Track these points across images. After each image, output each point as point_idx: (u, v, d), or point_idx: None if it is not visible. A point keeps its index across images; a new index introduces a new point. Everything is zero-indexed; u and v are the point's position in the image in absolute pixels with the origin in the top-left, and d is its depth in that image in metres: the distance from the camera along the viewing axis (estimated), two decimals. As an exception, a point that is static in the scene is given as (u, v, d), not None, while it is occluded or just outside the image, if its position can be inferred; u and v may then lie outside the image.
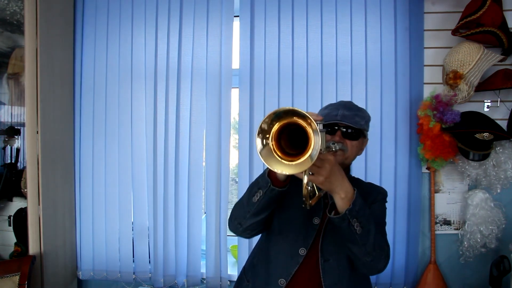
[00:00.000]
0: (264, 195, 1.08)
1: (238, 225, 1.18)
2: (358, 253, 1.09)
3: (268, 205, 1.12)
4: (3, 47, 2.11)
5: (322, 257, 1.18)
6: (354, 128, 1.23)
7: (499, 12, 1.79)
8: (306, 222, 1.22)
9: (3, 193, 2.05)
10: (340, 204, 1.04)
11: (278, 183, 1.07)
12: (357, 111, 1.27)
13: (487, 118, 1.87)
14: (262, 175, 1.09)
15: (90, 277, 2.17)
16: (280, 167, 0.92)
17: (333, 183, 1.02)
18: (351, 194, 1.05)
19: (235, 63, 2.07)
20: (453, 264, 2.00)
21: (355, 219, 1.03)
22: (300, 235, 1.21)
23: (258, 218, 1.15)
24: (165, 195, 2.08)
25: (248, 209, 1.13)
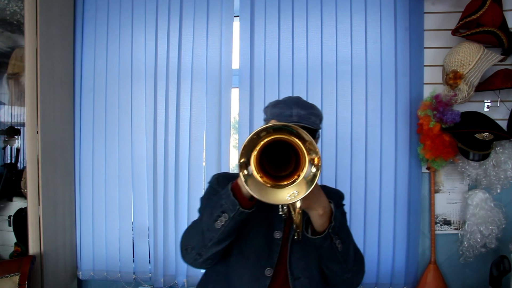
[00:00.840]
0: (231, 220, 0.93)
1: (197, 256, 1.01)
2: (339, 271, 1.01)
3: (234, 231, 0.97)
4: (3, 47, 2.11)
5: (291, 276, 1.05)
6: (310, 129, 1.08)
7: (499, 12, 1.79)
8: (268, 238, 1.08)
9: (3, 193, 2.05)
10: (319, 222, 0.93)
11: (246, 204, 0.92)
12: (311, 109, 1.12)
13: (487, 118, 1.87)
14: (225, 196, 0.94)
15: (90, 277, 2.17)
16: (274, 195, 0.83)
17: (311, 200, 0.91)
18: (329, 208, 0.95)
19: (235, 63, 2.07)
20: (453, 264, 2.00)
21: (337, 235, 0.94)
22: (263, 253, 1.07)
23: (222, 246, 0.99)
24: (165, 195, 2.08)
25: (210, 237, 0.97)
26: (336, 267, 1.00)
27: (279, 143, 0.84)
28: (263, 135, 0.82)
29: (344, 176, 1.98)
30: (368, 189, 1.98)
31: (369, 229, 1.98)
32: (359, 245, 1.96)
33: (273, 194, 0.84)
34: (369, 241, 1.98)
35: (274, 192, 0.84)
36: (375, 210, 1.97)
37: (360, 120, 1.98)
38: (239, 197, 0.92)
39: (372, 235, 1.98)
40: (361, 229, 1.98)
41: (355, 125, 1.98)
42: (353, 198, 1.98)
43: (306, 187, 0.82)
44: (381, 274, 1.99)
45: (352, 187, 1.98)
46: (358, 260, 1.06)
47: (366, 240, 1.98)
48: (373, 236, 1.97)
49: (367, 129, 1.97)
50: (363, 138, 1.97)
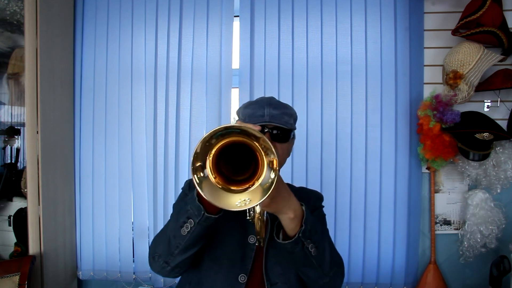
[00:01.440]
0: (196, 225, 0.89)
1: (165, 264, 0.97)
2: (315, 276, 0.97)
3: (201, 237, 0.93)
4: (3, 47, 2.11)
5: (268, 282, 1.01)
6: (283, 129, 1.04)
7: (499, 12, 1.79)
8: (241, 243, 1.04)
9: (3, 193, 2.05)
10: (290, 226, 0.90)
11: (211, 209, 0.88)
12: (284, 108, 1.08)
13: (487, 118, 1.87)
14: (191, 201, 0.89)
15: (90, 277, 2.17)
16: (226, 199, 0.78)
17: (279, 203, 0.88)
18: (300, 211, 0.91)
19: (235, 63, 2.07)
20: (453, 264, 2.00)
21: (309, 240, 0.90)
22: (237, 259, 1.03)
23: (189, 253, 0.95)
24: (165, 195, 2.08)
25: (176, 244, 0.93)
26: (312, 272, 0.97)
27: (237, 145, 0.80)
28: (213, 142, 0.79)
29: (344, 176, 1.98)
30: (368, 189, 1.98)
31: (369, 229, 1.98)
32: (359, 245, 1.99)
33: (225, 198, 0.79)
34: (369, 241, 1.98)
35: (226, 197, 0.79)
36: (375, 210, 1.97)
37: (360, 120, 1.98)
38: (205, 202, 0.87)
39: (372, 235, 1.97)
40: (361, 229, 1.98)
41: (355, 125, 1.98)
42: (353, 198, 1.98)
43: (261, 195, 0.77)
44: (381, 274, 1.99)
45: (352, 187, 1.98)
46: (336, 264, 1.02)
47: (366, 240, 1.98)
48: (373, 236, 1.97)
49: (367, 129, 1.97)
50: (363, 138, 1.97)
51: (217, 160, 0.80)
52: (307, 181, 1.96)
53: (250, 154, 0.81)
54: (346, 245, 1.98)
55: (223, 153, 0.81)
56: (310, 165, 1.98)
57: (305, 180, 1.95)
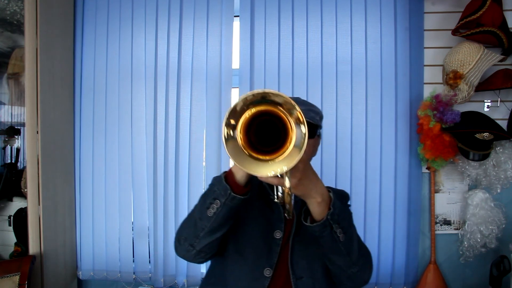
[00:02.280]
0: (222, 206, 0.90)
1: (190, 247, 0.98)
2: (343, 265, 0.97)
3: (227, 219, 0.94)
4: (3, 47, 2.11)
5: (294, 276, 1.02)
6: (310, 123, 1.04)
7: (499, 12, 1.79)
8: (267, 237, 1.05)
9: (3, 193, 2.05)
10: (317, 210, 0.90)
11: (238, 190, 0.89)
12: (310, 106, 1.11)
13: (487, 118, 1.87)
14: (217, 182, 0.92)
15: (90, 277, 2.17)
16: (256, 167, 0.78)
17: (307, 186, 0.88)
18: (327, 196, 0.91)
19: (235, 63, 2.07)
20: (453, 264, 2.00)
21: (337, 224, 0.90)
22: (262, 253, 1.04)
23: (215, 236, 0.96)
24: (165, 195, 2.08)
25: (202, 226, 0.94)
26: (340, 260, 0.96)
27: (268, 124, 0.80)
28: (250, 107, 0.78)
29: (344, 176, 1.98)
30: (368, 189, 1.98)
31: (369, 229, 1.98)
32: (359, 245, 1.98)
33: (256, 166, 0.78)
34: (369, 241, 1.97)
35: (258, 165, 0.78)
36: (375, 210, 1.97)
37: (360, 120, 1.98)
38: (232, 182, 0.89)
39: (372, 235, 1.97)
40: (361, 229, 1.97)
41: (355, 125, 1.98)
42: (353, 198, 1.98)
43: (298, 154, 0.76)
44: (381, 274, 1.99)
45: (352, 187, 1.98)
46: (364, 254, 1.02)
47: (366, 240, 1.96)
48: (373, 236, 1.97)
49: (367, 129, 1.97)
50: (363, 138, 1.97)
51: (248, 128, 0.80)
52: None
53: (280, 128, 0.80)
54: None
55: (253, 124, 0.80)
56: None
57: (305, 180, 1.95)
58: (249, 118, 0.78)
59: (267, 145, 0.82)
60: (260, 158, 0.79)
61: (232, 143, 0.78)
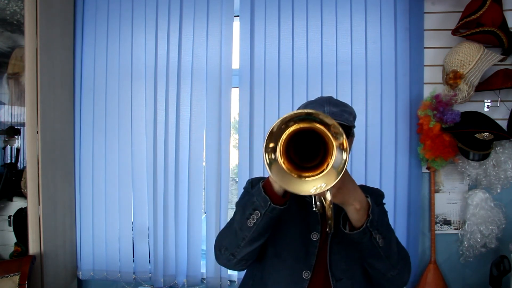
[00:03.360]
0: (263, 217, 0.91)
1: (231, 257, 1.00)
2: (383, 269, 0.97)
3: (267, 228, 0.95)
4: (3, 47, 2.11)
5: (333, 277, 1.02)
6: (344, 125, 1.04)
7: (499, 12, 1.79)
8: (304, 240, 1.06)
9: (3, 193, 2.05)
10: (356, 217, 0.90)
11: (278, 200, 0.91)
12: (343, 106, 1.12)
13: (487, 118, 1.87)
14: (257, 193, 0.92)
15: (90, 277, 2.17)
16: (298, 186, 0.80)
17: (345, 194, 0.89)
18: (366, 203, 0.91)
19: (235, 63, 2.07)
20: (453, 264, 2.00)
21: (376, 230, 0.90)
22: (300, 255, 1.05)
23: (255, 245, 0.97)
24: (165, 195, 2.08)
25: (243, 236, 0.95)
26: (379, 264, 0.96)
27: (306, 134, 0.82)
28: (290, 124, 0.80)
29: (344, 176, 1.97)
30: (368, 189, 1.98)
31: (369, 229, 1.97)
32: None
33: (295, 184, 0.81)
34: (369, 241, 1.98)
35: (297, 183, 0.81)
36: (375, 210, 1.97)
37: (360, 120, 1.97)
38: (271, 193, 0.90)
39: (372, 235, 1.97)
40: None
41: (355, 125, 1.97)
42: (353, 198, 1.98)
43: (336, 177, 0.78)
44: (381, 274, 1.99)
45: (352, 187, 1.97)
46: (403, 257, 1.01)
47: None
48: (373, 236, 1.97)
49: (367, 129, 1.97)
50: (363, 138, 1.97)
51: (288, 146, 0.82)
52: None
53: (319, 142, 0.82)
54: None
55: (292, 140, 0.82)
56: (310, 165, 1.98)
57: (305, 180, 1.95)
58: (288, 136, 0.80)
59: (306, 159, 0.84)
60: (302, 175, 0.81)
61: (275, 166, 0.80)
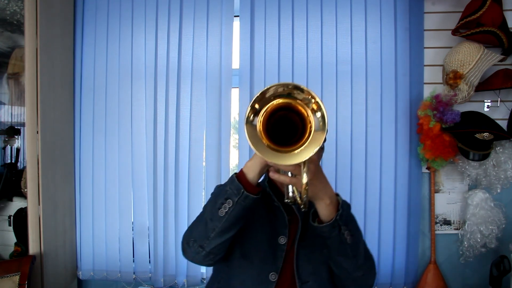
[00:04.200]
0: (235, 205, 0.91)
1: (200, 249, 0.98)
2: (349, 268, 0.98)
3: (239, 219, 0.94)
4: (3, 47, 2.11)
5: (299, 280, 1.03)
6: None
7: (499, 12, 1.79)
8: (271, 243, 1.06)
9: (3, 193, 2.05)
10: (325, 212, 0.92)
11: (251, 189, 0.91)
12: None
13: (487, 118, 1.87)
14: (230, 182, 0.93)
15: (90, 277, 2.17)
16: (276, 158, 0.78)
17: (317, 187, 0.90)
18: (335, 199, 0.95)
19: (235, 63, 2.07)
20: (453, 264, 2.00)
21: (345, 226, 0.93)
22: (268, 257, 1.05)
23: (225, 237, 0.96)
24: (165, 195, 2.08)
25: (213, 226, 0.94)
26: (346, 262, 0.97)
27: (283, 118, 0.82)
28: (271, 99, 0.80)
29: (344, 176, 1.98)
30: (368, 189, 1.98)
31: (369, 229, 1.98)
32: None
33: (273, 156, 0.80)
34: (369, 241, 1.95)
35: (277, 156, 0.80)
36: (375, 210, 1.97)
37: (360, 120, 1.98)
38: (244, 182, 0.91)
39: (372, 235, 1.97)
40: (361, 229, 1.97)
41: (355, 125, 1.98)
42: (353, 198, 1.98)
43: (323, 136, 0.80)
44: (381, 274, 1.99)
45: (352, 187, 1.98)
46: (369, 259, 1.03)
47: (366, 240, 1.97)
48: (373, 236, 1.97)
49: (367, 129, 1.97)
50: (363, 138, 1.97)
51: (268, 120, 0.81)
52: (307, 181, 1.95)
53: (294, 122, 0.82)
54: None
55: (272, 118, 0.82)
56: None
57: (305, 180, 1.95)
58: (270, 110, 0.80)
59: (283, 142, 0.84)
60: (280, 149, 0.80)
61: (250, 128, 0.79)
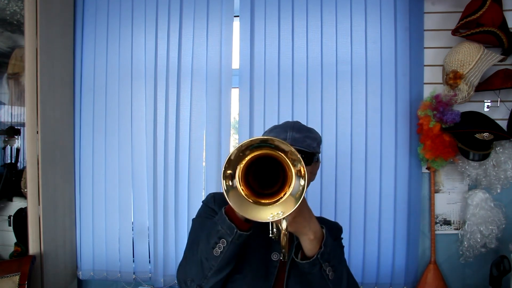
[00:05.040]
0: (230, 245, 0.89)
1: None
2: None
3: (235, 256, 0.93)
4: (3, 47, 2.11)
5: None
6: (306, 152, 1.05)
7: (499, 12, 1.79)
8: (265, 259, 1.06)
9: (3, 193, 2.04)
10: (309, 247, 0.91)
11: (242, 226, 0.89)
12: (307, 132, 1.11)
13: (487, 118, 1.87)
14: (221, 221, 0.90)
15: (90, 277, 2.17)
16: (256, 212, 0.80)
17: (300, 224, 0.89)
18: (320, 233, 0.92)
19: (235, 63, 2.07)
20: (453, 264, 2.00)
21: (327, 262, 0.91)
22: (260, 274, 1.04)
23: (223, 274, 0.95)
24: (165, 195, 2.08)
25: (210, 266, 0.92)
26: None
27: (265, 161, 0.82)
28: (247, 153, 0.81)
29: (344, 176, 1.98)
30: (368, 189, 1.98)
31: (369, 229, 1.98)
32: (359, 245, 1.99)
33: (254, 211, 0.81)
34: (369, 241, 1.98)
35: (256, 209, 0.81)
36: (375, 210, 1.97)
37: (360, 120, 1.98)
38: (235, 219, 0.89)
39: (372, 235, 1.97)
40: (361, 229, 1.98)
41: (355, 125, 1.98)
42: (353, 198, 1.98)
43: (294, 205, 0.79)
44: (381, 274, 1.99)
45: (352, 187, 1.98)
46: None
47: (366, 240, 1.98)
48: (373, 236, 1.97)
49: (367, 129, 1.97)
50: (363, 138, 1.97)
51: (246, 173, 0.82)
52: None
53: (278, 168, 0.82)
54: (346, 245, 1.98)
55: (251, 167, 0.83)
56: (310, 165, 1.98)
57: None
58: (246, 164, 0.81)
59: (265, 186, 0.85)
60: (259, 201, 0.82)
61: (233, 193, 0.81)
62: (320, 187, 1.97)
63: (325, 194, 1.98)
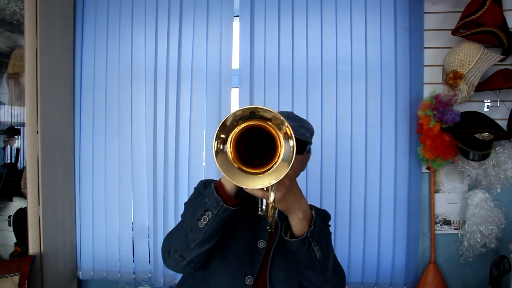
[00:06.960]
0: (214, 218, 0.91)
1: (180, 259, 0.98)
2: (317, 282, 0.99)
3: (218, 230, 0.95)
4: (3, 47, 2.11)
5: (270, 286, 1.04)
6: (299, 140, 1.06)
7: (499, 12, 1.79)
8: (251, 246, 1.07)
9: (3, 193, 2.05)
10: (298, 226, 0.92)
11: (230, 201, 0.91)
12: (301, 122, 1.13)
13: (487, 118, 1.87)
14: (209, 194, 0.93)
15: (90, 277, 2.17)
16: (245, 180, 0.80)
17: (290, 202, 0.91)
18: (309, 213, 0.94)
19: (235, 63, 2.07)
20: (453, 264, 2.00)
21: (316, 242, 0.93)
22: (245, 261, 1.05)
23: (206, 247, 0.96)
24: (165, 195, 2.08)
25: (193, 237, 0.94)
26: (314, 277, 0.98)
27: (256, 135, 0.83)
28: (240, 122, 0.81)
29: (344, 176, 1.98)
30: (368, 189, 1.98)
31: (369, 229, 1.98)
32: (359, 245, 1.99)
33: (245, 179, 0.81)
34: (369, 240, 1.98)
35: (247, 178, 0.81)
36: (375, 210, 1.97)
37: (360, 120, 1.98)
38: (223, 194, 0.91)
39: (372, 235, 1.98)
40: (361, 229, 1.98)
41: (355, 125, 1.98)
42: (353, 198, 1.98)
43: (287, 169, 0.79)
44: (381, 274, 1.99)
45: (352, 187, 1.98)
46: (338, 274, 1.03)
47: (366, 240, 1.98)
48: (373, 236, 1.98)
49: (367, 129, 1.97)
50: (363, 138, 1.97)
51: (238, 142, 0.83)
52: (307, 181, 1.96)
53: (268, 141, 0.83)
54: (346, 245, 1.98)
55: (242, 138, 0.83)
56: (310, 165, 1.96)
57: (305, 180, 1.95)
58: (238, 133, 0.82)
59: (257, 158, 0.85)
60: (249, 171, 0.82)
61: (222, 157, 0.81)
62: (320, 187, 1.97)
63: (325, 194, 1.98)
